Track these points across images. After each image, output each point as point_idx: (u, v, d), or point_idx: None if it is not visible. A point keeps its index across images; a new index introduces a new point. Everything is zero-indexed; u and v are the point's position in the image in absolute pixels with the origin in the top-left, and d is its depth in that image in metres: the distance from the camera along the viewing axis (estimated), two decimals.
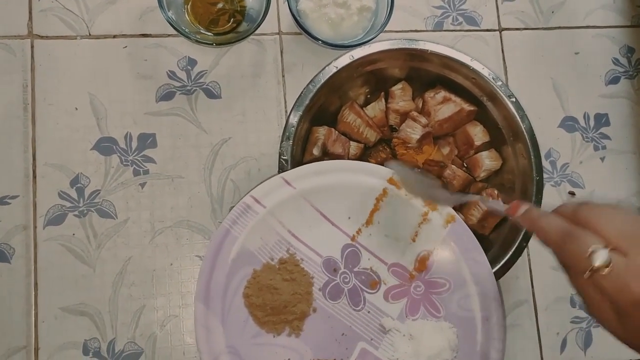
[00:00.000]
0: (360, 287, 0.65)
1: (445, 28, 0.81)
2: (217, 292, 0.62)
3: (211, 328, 0.61)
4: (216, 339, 0.61)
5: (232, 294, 0.62)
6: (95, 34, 0.74)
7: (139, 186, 0.72)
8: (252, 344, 0.62)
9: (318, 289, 0.64)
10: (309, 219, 0.65)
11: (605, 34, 0.86)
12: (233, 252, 0.63)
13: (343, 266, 0.65)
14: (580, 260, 0.43)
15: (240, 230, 0.63)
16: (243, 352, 0.61)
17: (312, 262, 0.64)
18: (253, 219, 0.63)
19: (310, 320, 0.63)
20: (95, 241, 0.70)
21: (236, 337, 0.61)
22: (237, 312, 0.62)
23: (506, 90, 0.72)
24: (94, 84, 0.73)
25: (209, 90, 0.75)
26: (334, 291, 0.64)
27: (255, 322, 0.62)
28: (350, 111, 0.73)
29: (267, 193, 0.64)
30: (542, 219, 0.49)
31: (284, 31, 0.78)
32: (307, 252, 0.64)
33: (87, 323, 0.68)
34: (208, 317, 0.61)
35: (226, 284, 0.62)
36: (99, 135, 0.72)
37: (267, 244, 0.64)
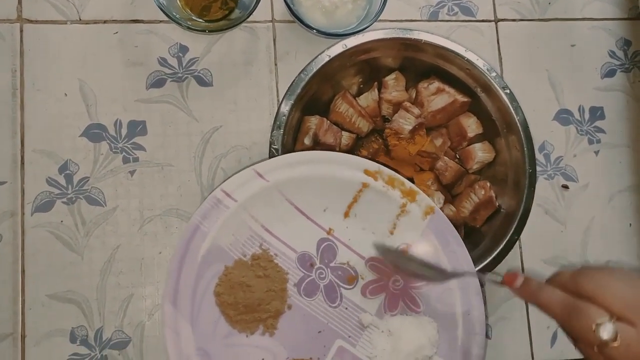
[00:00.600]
0: (337, 282, 0.64)
1: (441, 18, 0.80)
2: (186, 292, 0.60)
3: (180, 331, 0.60)
4: (185, 341, 0.60)
5: (202, 293, 0.61)
6: (86, 19, 0.73)
7: (129, 174, 0.71)
8: (224, 344, 0.61)
9: (293, 285, 0.63)
10: (283, 213, 0.64)
11: (601, 27, 0.85)
12: (203, 249, 0.61)
13: (319, 261, 0.64)
14: (588, 334, 0.43)
15: (210, 226, 0.62)
16: (214, 354, 0.60)
17: (286, 258, 0.63)
18: (224, 214, 0.62)
19: (285, 318, 0.62)
20: (84, 229, 0.69)
21: (207, 338, 0.60)
22: (207, 312, 0.61)
23: (500, 82, 0.71)
24: (84, 70, 0.72)
25: (201, 77, 0.74)
26: (310, 287, 0.63)
27: (227, 322, 0.61)
28: (343, 101, 0.72)
29: (238, 186, 0.63)
30: (542, 292, 0.48)
31: (277, 19, 0.77)
32: (281, 247, 0.63)
33: (74, 311, 0.68)
34: (177, 319, 0.60)
35: (195, 282, 0.61)
36: (88, 121, 0.71)
37: (239, 239, 0.63)
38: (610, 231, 0.80)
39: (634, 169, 0.82)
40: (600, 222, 0.80)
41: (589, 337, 0.43)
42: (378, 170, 0.65)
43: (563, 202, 0.79)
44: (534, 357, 0.76)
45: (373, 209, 0.65)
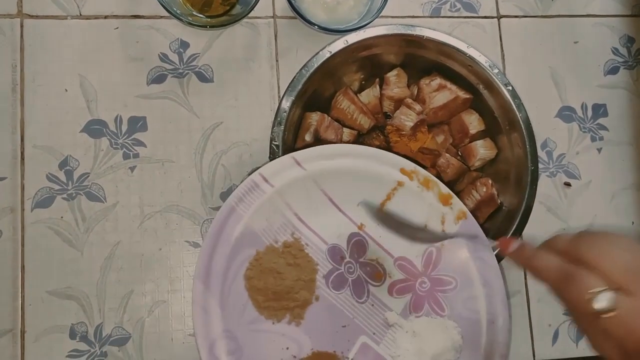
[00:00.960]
0: (365, 278, 0.64)
1: (443, 14, 0.80)
2: (217, 272, 0.60)
3: (209, 310, 0.59)
4: (213, 321, 0.59)
5: (233, 275, 0.61)
6: (86, 14, 0.73)
7: (129, 170, 0.71)
8: (250, 329, 0.60)
9: (322, 277, 0.63)
10: (317, 204, 0.63)
11: (605, 23, 0.84)
12: (237, 231, 0.61)
13: (349, 255, 0.64)
14: (582, 303, 0.41)
15: (245, 209, 0.61)
16: (240, 337, 0.60)
17: (316, 249, 0.63)
18: (260, 198, 0.62)
19: (312, 309, 0.62)
20: (84, 225, 0.69)
21: (234, 321, 0.60)
22: (236, 295, 0.61)
23: (502, 79, 0.71)
24: (85, 65, 0.72)
25: (201, 73, 0.74)
26: (338, 280, 0.63)
27: (255, 307, 0.61)
28: (344, 97, 0.72)
29: (276, 172, 0.62)
30: (537, 257, 0.46)
31: (279, 15, 0.76)
32: (312, 237, 0.63)
33: (74, 307, 0.68)
34: (207, 298, 0.59)
35: (227, 263, 0.60)
36: (88, 117, 0.71)
37: (272, 225, 0.62)
38: (613, 229, 0.79)
39: (637, 166, 0.81)
40: (603, 220, 0.79)
41: (584, 306, 0.41)
42: (414, 170, 0.64)
43: (565, 199, 0.79)
44: (535, 356, 0.75)
45: (406, 209, 0.65)
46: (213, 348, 0.59)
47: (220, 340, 0.59)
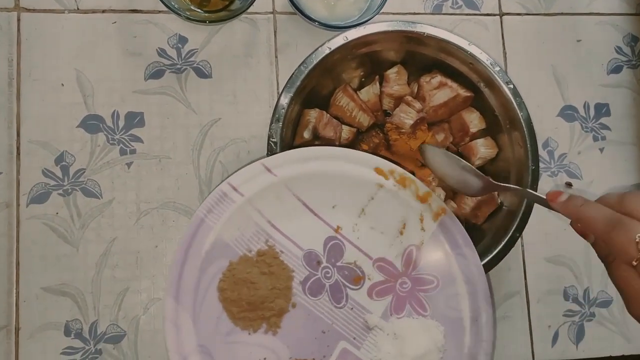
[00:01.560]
0: (343, 282, 0.63)
1: (445, 11, 0.79)
2: (188, 286, 0.59)
3: (181, 325, 0.59)
4: (186, 337, 0.59)
5: (205, 288, 0.60)
6: (84, 8, 0.72)
7: (125, 166, 0.70)
8: (226, 342, 0.60)
9: (298, 284, 0.62)
10: (291, 209, 0.63)
11: (609, 22, 0.83)
12: (207, 244, 0.60)
13: (325, 260, 0.63)
14: (628, 248, 0.43)
15: (215, 220, 0.61)
16: (215, 351, 0.59)
17: (292, 255, 0.62)
18: (230, 208, 0.61)
19: (289, 317, 0.61)
20: (80, 221, 0.69)
21: (208, 334, 0.59)
22: (210, 308, 0.60)
23: (504, 77, 0.70)
24: (82, 60, 0.71)
25: (200, 69, 0.73)
26: (315, 286, 0.62)
27: (229, 318, 0.60)
28: (344, 94, 0.71)
29: (246, 180, 0.61)
30: (587, 207, 0.48)
31: (278, 10, 0.76)
32: (287, 244, 0.62)
33: (69, 304, 0.67)
34: (178, 314, 0.59)
35: (199, 277, 0.60)
36: (85, 112, 0.70)
37: (245, 234, 0.61)
38: None
39: None
40: None
41: (630, 251, 0.43)
42: (391, 169, 0.64)
43: None
44: (535, 357, 0.75)
45: (383, 209, 0.64)
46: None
47: (194, 356, 0.58)
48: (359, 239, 0.64)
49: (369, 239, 0.64)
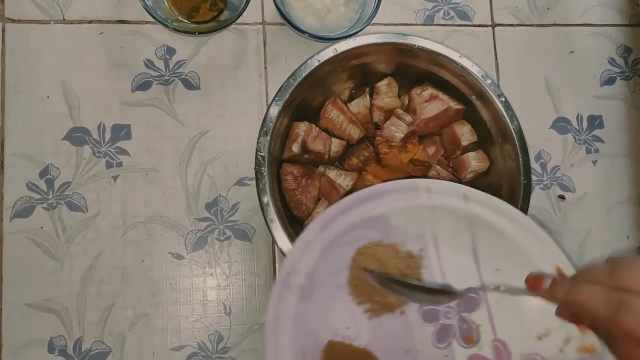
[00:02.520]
0: (456, 332, 0.60)
1: (436, 22, 0.78)
2: (338, 226, 0.58)
3: (311, 246, 0.57)
4: (306, 259, 0.57)
5: (348, 239, 0.58)
6: (70, 18, 0.71)
7: (112, 179, 0.69)
8: (331, 290, 0.57)
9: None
10: (459, 243, 0.60)
11: (602, 33, 0.83)
12: (375, 211, 0.59)
13: (456, 303, 0.60)
14: (638, 331, 0.40)
15: (393, 202, 0.59)
16: (319, 290, 0.57)
17: (431, 276, 0.60)
18: (412, 201, 0.59)
19: (390, 318, 0.59)
20: (64, 235, 0.67)
21: (324, 273, 0.57)
22: (340, 256, 0.58)
23: (495, 89, 0.69)
24: (67, 71, 0.70)
25: (188, 80, 0.72)
26: (431, 314, 0.59)
27: (347, 277, 0.58)
28: (333, 107, 0.70)
29: (442, 191, 0.59)
30: (578, 290, 0.44)
31: (268, 21, 0.75)
32: (434, 266, 0.60)
33: (53, 320, 0.66)
34: (316, 237, 0.57)
35: (351, 225, 0.58)
36: (70, 124, 0.69)
37: (408, 231, 0.59)
38: (608, 243, 0.78)
39: (633, 180, 0.80)
40: (597, 234, 0.78)
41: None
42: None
43: (559, 212, 0.77)
44: None
45: (538, 306, 0.60)
46: (289, 278, 0.56)
47: (300, 276, 0.57)
48: (497, 311, 0.60)
49: (506, 320, 0.59)
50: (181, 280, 0.69)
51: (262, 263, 0.70)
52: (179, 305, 0.68)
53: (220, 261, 0.69)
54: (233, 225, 0.70)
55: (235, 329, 0.69)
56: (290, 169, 0.68)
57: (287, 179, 0.67)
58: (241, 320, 0.69)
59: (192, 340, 0.68)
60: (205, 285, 0.69)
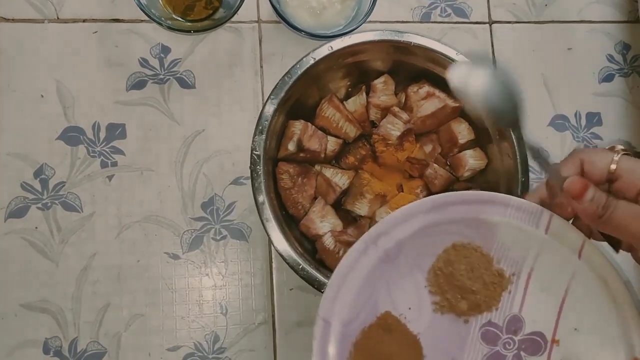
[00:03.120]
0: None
1: (433, 19, 0.78)
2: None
3: (414, 217, 0.56)
4: (405, 227, 0.56)
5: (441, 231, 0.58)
6: (64, 17, 0.71)
7: (107, 179, 0.69)
8: (415, 267, 0.57)
9: (484, 322, 0.59)
10: (553, 285, 0.58)
11: (600, 30, 0.82)
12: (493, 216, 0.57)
13: (520, 340, 0.60)
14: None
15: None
16: (406, 264, 0.56)
17: (511, 302, 0.59)
18: (524, 236, 0.58)
19: (453, 320, 0.58)
20: (59, 235, 0.67)
21: (418, 255, 0.57)
22: (432, 243, 0.57)
23: None
24: (62, 71, 0.70)
25: (183, 79, 0.72)
26: (491, 337, 0.59)
27: (433, 261, 0.57)
28: (329, 105, 0.69)
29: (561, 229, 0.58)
30: (624, 212, 0.43)
31: (264, 19, 0.74)
32: (520, 292, 0.59)
33: (48, 321, 0.66)
34: (423, 214, 0.56)
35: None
36: (65, 124, 0.69)
37: (513, 248, 0.58)
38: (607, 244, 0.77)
39: None
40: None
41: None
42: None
43: None
44: None
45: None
46: (379, 237, 0.56)
47: (390, 241, 0.56)
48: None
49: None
50: (177, 280, 0.68)
51: (258, 263, 0.70)
52: (175, 306, 0.68)
53: (217, 261, 0.69)
54: (229, 224, 0.70)
55: (231, 329, 0.68)
56: (286, 168, 0.67)
57: (282, 178, 0.67)
58: (237, 320, 0.68)
59: (188, 341, 0.67)
60: (201, 285, 0.68)
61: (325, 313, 0.56)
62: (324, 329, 0.56)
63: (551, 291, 0.58)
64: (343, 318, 0.56)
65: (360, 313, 0.57)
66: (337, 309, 0.56)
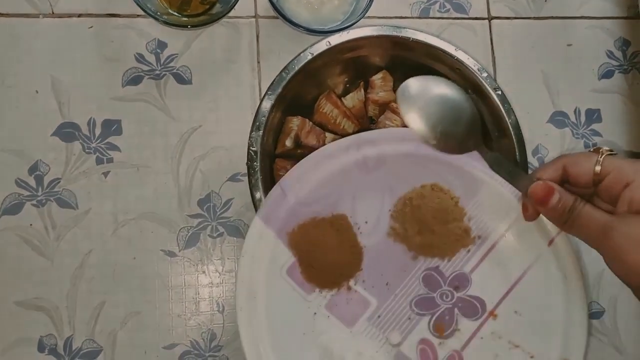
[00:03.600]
0: (438, 312, 0.58)
1: (432, 15, 0.77)
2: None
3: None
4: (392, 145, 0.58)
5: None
6: (59, 12, 0.70)
7: (102, 175, 0.68)
8: (387, 188, 0.58)
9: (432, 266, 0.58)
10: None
11: (599, 26, 0.81)
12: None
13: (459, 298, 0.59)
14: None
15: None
16: (378, 173, 0.58)
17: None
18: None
19: (402, 251, 0.58)
20: (54, 232, 0.66)
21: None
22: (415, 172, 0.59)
23: (492, 83, 0.68)
24: (57, 66, 0.69)
25: (179, 75, 0.71)
26: (432, 281, 0.58)
27: (407, 191, 0.59)
28: (327, 101, 0.69)
29: None
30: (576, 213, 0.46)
31: (261, 14, 0.74)
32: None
33: (43, 318, 0.65)
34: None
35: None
36: (60, 120, 0.68)
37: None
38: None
39: None
40: None
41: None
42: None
43: None
44: None
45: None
46: (365, 144, 0.58)
47: (374, 150, 0.58)
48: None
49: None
50: (173, 278, 0.67)
51: None
52: (171, 303, 0.67)
53: (213, 258, 0.68)
54: (226, 221, 0.69)
55: (228, 327, 0.68)
56: (284, 164, 0.67)
57: (280, 174, 0.66)
58: (234, 318, 0.67)
59: (185, 339, 0.66)
60: (197, 283, 0.68)
61: (286, 184, 0.57)
62: (279, 195, 0.57)
63: (508, 268, 0.58)
64: (299, 197, 0.57)
65: (318, 202, 0.58)
66: (298, 186, 0.57)
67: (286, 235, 0.57)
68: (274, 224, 0.57)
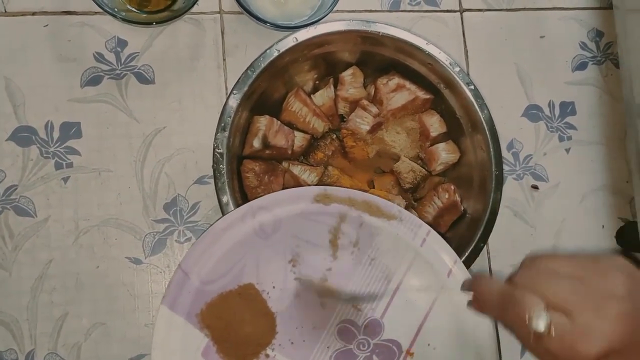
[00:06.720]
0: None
1: (403, 8, 0.75)
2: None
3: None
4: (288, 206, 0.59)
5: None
6: (12, 10, 0.67)
7: (62, 181, 0.65)
8: (287, 250, 0.59)
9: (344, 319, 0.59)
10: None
11: (572, 17, 0.80)
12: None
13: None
14: (523, 325, 0.40)
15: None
16: (277, 236, 0.59)
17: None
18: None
19: (314, 305, 0.59)
20: (12, 242, 0.63)
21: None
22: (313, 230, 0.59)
23: (464, 77, 0.66)
24: (11, 67, 0.66)
25: (141, 74, 0.68)
26: (347, 334, 0.59)
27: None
28: (296, 99, 0.67)
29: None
30: (480, 283, 0.45)
31: (225, 10, 0.71)
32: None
33: (2, 333, 0.62)
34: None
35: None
36: (15, 124, 0.65)
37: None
38: (583, 233, 0.76)
39: (607, 167, 0.78)
40: (572, 223, 0.76)
41: (524, 329, 0.40)
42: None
43: (533, 203, 0.75)
44: None
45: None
46: (260, 210, 0.58)
47: (269, 216, 0.58)
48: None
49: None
50: (139, 286, 0.65)
51: None
52: (138, 313, 0.64)
53: None
54: (194, 226, 0.67)
55: None
56: (252, 166, 0.64)
57: (248, 177, 0.64)
58: None
59: None
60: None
61: (187, 266, 0.57)
62: (181, 279, 0.57)
63: (416, 305, 0.60)
64: (203, 276, 0.57)
65: (223, 277, 0.58)
66: (199, 265, 0.57)
67: (195, 317, 0.57)
68: (181, 309, 0.56)
